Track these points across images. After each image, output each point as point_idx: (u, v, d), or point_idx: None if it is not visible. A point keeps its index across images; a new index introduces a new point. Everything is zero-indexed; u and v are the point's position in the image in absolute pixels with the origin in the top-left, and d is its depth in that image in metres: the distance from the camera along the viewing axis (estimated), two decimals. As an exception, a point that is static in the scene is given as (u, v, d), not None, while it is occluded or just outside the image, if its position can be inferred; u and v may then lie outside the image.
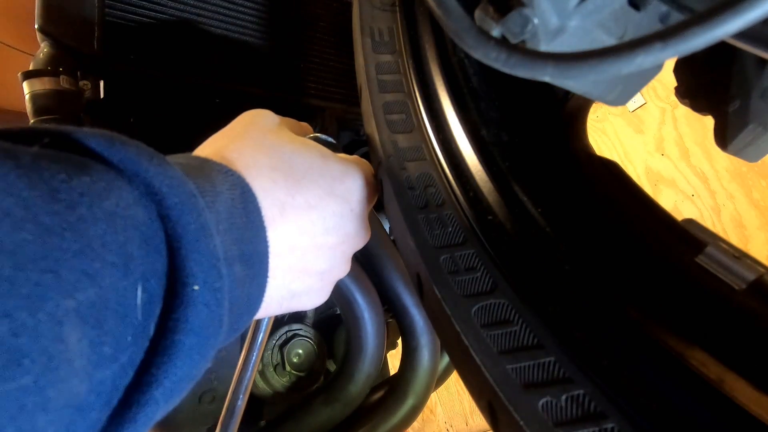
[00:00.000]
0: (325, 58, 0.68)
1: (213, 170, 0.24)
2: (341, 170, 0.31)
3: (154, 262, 0.18)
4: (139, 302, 0.17)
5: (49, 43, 0.52)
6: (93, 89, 0.55)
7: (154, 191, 0.18)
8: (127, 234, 0.16)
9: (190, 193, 0.19)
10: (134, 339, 0.17)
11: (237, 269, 0.22)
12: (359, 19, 0.38)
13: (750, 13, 0.14)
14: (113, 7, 0.53)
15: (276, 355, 0.58)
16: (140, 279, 0.17)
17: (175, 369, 0.18)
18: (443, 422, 2.02)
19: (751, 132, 0.35)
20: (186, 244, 0.18)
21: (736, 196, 1.48)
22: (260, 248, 0.25)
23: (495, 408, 0.23)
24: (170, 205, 0.18)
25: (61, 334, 0.14)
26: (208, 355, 0.20)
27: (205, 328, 0.19)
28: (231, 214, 0.22)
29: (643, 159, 1.67)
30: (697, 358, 0.20)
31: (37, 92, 0.50)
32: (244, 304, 0.24)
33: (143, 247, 0.17)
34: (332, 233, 0.30)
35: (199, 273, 0.18)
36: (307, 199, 0.28)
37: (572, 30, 0.23)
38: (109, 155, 0.18)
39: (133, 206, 0.17)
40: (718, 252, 0.22)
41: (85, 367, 0.15)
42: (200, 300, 0.18)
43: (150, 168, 0.18)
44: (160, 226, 0.18)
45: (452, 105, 0.32)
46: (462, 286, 0.26)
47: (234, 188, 0.24)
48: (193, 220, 0.19)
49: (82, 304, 0.14)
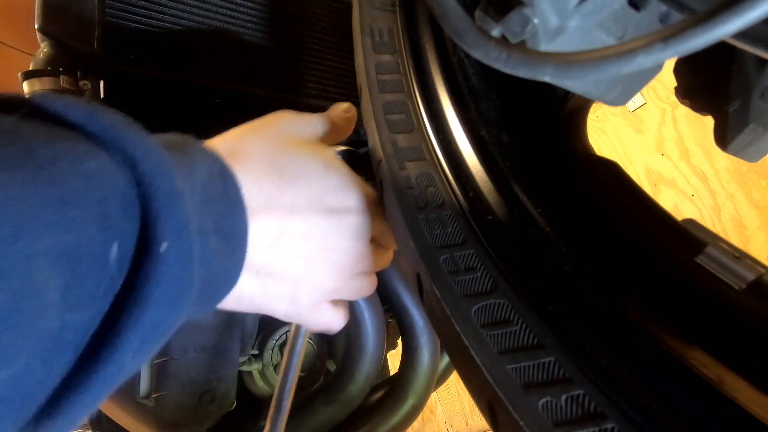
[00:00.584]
0: (325, 58, 0.68)
1: (194, 148, 0.24)
2: (338, 184, 0.31)
3: (128, 223, 0.18)
4: (113, 258, 0.18)
5: (49, 43, 0.52)
6: (93, 89, 0.55)
7: (129, 157, 0.19)
8: (106, 192, 0.17)
9: (163, 160, 0.20)
10: (105, 292, 0.18)
11: (212, 240, 0.23)
12: (359, 19, 0.38)
13: (750, 13, 0.14)
14: (113, 7, 0.53)
15: (276, 355, 0.58)
16: (117, 237, 0.18)
17: (144, 317, 0.18)
18: (443, 422, 2.02)
19: (751, 132, 0.35)
20: (157, 206, 0.19)
21: (736, 196, 1.48)
22: (238, 224, 0.25)
23: (495, 408, 0.23)
24: (143, 170, 0.19)
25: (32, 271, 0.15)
26: (178, 309, 0.20)
27: (174, 283, 0.19)
28: (207, 188, 0.23)
29: (643, 159, 1.67)
30: (697, 358, 0.20)
31: (37, 92, 0.50)
32: (222, 276, 0.24)
33: (121, 209, 0.18)
34: (312, 242, 0.30)
35: (169, 232, 0.19)
36: (294, 200, 0.29)
37: (572, 30, 0.23)
38: (87, 124, 0.19)
39: (112, 169, 0.18)
40: (718, 252, 0.22)
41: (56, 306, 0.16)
42: (169, 257, 0.19)
43: (126, 136, 0.19)
44: (136, 192, 0.19)
45: (452, 105, 0.32)
46: (462, 286, 0.26)
47: (213, 164, 0.25)
48: (164, 185, 0.20)
49: (56, 246, 0.15)
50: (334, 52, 0.69)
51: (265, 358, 0.58)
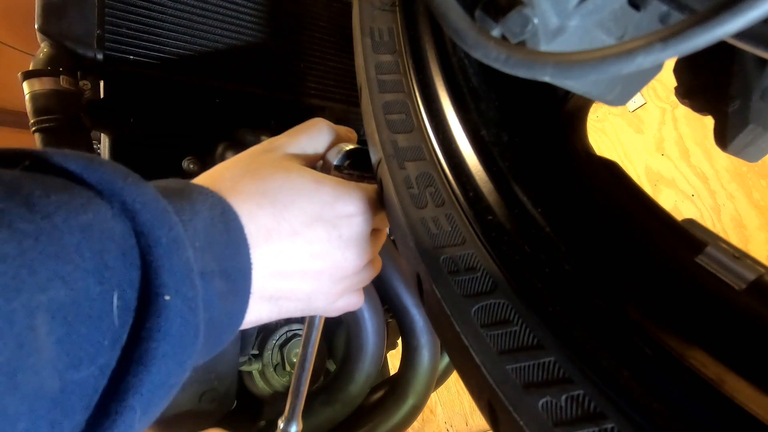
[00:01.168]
0: (325, 58, 0.68)
1: (193, 192, 0.24)
2: (333, 195, 0.31)
3: (129, 273, 0.18)
4: (116, 309, 0.17)
5: (49, 43, 0.52)
6: (93, 89, 0.55)
7: (128, 208, 0.19)
8: (104, 244, 0.17)
9: (162, 209, 0.20)
10: (111, 344, 0.17)
11: (217, 284, 0.23)
12: (359, 19, 0.38)
13: (750, 13, 0.14)
14: (113, 8, 0.53)
15: (276, 355, 0.58)
16: (116, 287, 0.18)
17: (151, 376, 0.18)
18: (443, 422, 2.02)
19: (751, 132, 0.35)
20: (158, 256, 0.19)
21: (736, 196, 1.48)
22: (242, 265, 0.25)
23: (495, 408, 0.23)
24: (143, 220, 0.19)
25: (33, 325, 0.14)
26: (185, 363, 0.20)
27: (179, 337, 0.19)
28: (209, 232, 0.23)
29: (643, 159, 1.67)
30: (697, 358, 0.20)
31: (37, 92, 0.50)
32: (225, 319, 0.24)
33: (120, 259, 0.18)
34: (318, 259, 0.30)
35: (171, 283, 0.19)
36: (293, 225, 0.29)
37: (572, 30, 0.23)
38: (87, 176, 0.19)
39: (110, 221, 0.18)
40: (718, 252, 0.22)
41: (55, 363, 0.15)
42: (173, 309, 0.19)
43: (125, 186, 0.19)
44: (135, 241, 0.19)
45: (452, 105, 0.32)
46: (462, 286, 0.26)
47: (214, 207, 0.25)
48: (164, 234, 0.20)
49: (54, 301, 0.15)
50: (334, 52, 0.69)
51: (265, 358, 0.58)
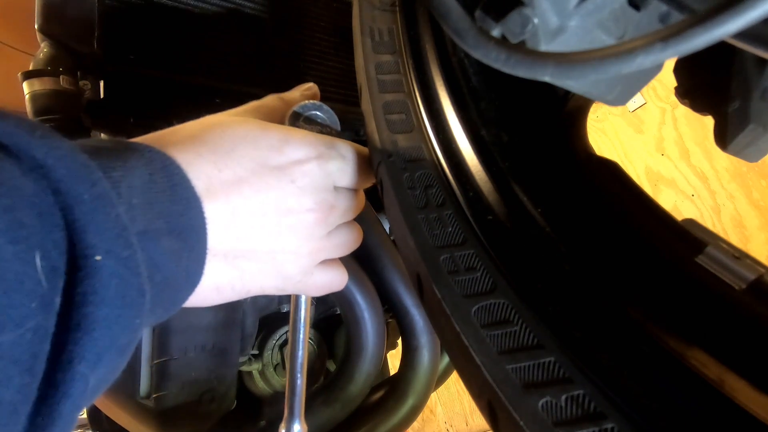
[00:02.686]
0: (325, 58, 0.68)
1: (127, 149, 0.23)
2: (280, 139, 0.29)
3: (51, 233, 0.17)
4: (40, 270, 0.16)
5: (49, 43, 0.52)
6: (93, 89, 0.55)
7: (39, 164, 0.17)
8: (14, 202, 0.16)
9: (81, 164, 0.19)
10: (41, 307, 0.16)
11: (165, 242, 0.22)
12: (359, 19, 0.38)
13: (750, 13, 0.14)
14: (113, 8, 0.53)
15: (276, 355, 0.58)
16: (37, 247, 0.16)
17: (94, 341, 0.17)
18: (443, 422, 2.02)
19: (751, 132, 0.35)
20: (80, 215, 0.18)
21: (736, 196, 1.48)
22: (194, 222, 0.24)
23: (495, 408, 0.23)
24: (59, 177, 0.18)
25: None
26: (132, 324, 0.19)
27: (119, 298, 0.18)
28: (149, 188, 0.22)
29: (643, 159, 1.67)
30: (697, 358, 0.20)
31: (37, 92, 0.51)
32: (181, 280, 0.23)
33: (36, 218, 0.17)
34: (271, 209, 0.28)
35: (100, 243, 0.18)
36: (236, 172, 0.26)
37: (572, 30, 0.23)
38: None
39: (19, 178, 0.17)
40: (718, 252, 0.22)
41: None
42: (106, 270, 0.18)
43: (32, 141, 0.18)
44: (53, 200, 0.18)
45: (452, 105, 0.32)
46: (462, 286, 0.26)
47: (152, 162, 0.23)
48: (86, 191, 0.18)
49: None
50: (334, 52, 0.69)
51: (265, 358, 0.58)
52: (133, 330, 0.20)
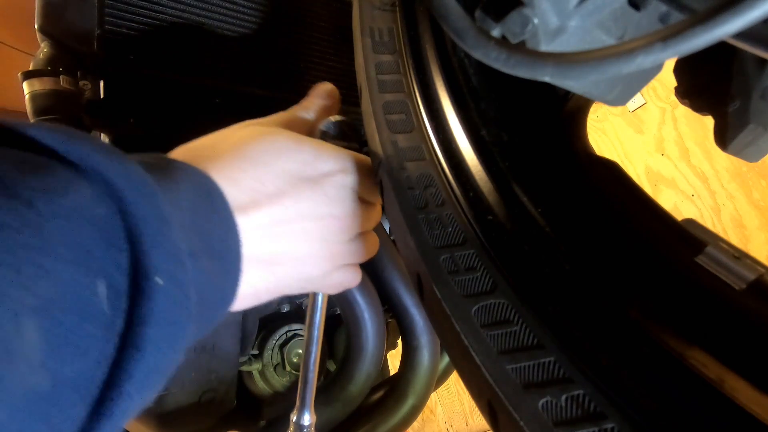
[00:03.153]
0: (325, 58, 0.68)
1: (177, 169, 0.24)
2: (312, 154, 0.31)
3: (115, 258, 0.18)
4: (103, 298, 0.17)
5: (49, 43, 0.52)
6: (93, 89, 0.55)
7: (113, 187, 0.18)
8: (86, 230, 0.17)
9: (149, 187, 0.19)
10: (104, 334, 0.17)
11: (205, 263, 0.22)
12: (359, 19, 0.38)
13: (750, 13, 0.14)
14: (113, 7, 0.53)
15: (276, 355, 0.58)
16: (101, 275, 0.17)
17: (145, 361, 0.18)
18: (443, 422, 2.02)
19: (751, 132, 0.35)
20: (146, 237, 0.18)
21: (736, 196, 1.48)
22: (230, 244, 0.25)
23: (495, 408, 0.23)
24: (129, 200, 0.18)
25: (20, 330, 0.14)
26: (178, 346, 0.20)
27: (171, 320, 0.19)
28: (195, 211, 0.23)
29: (643, 159, 1.67)
30: (697, 358, 0.20)
31: (37, 92, 0.50)
32: (217, 298, 0.24)
33: (104, 244, 0.17)
34: (306, 217, 0.30)
35: (161, 265, 0.18)
36: (277, 185, 0.29)
37: (572, 30, 0.23)
38: (66, 152, 0.18)
39: (92, 203, 0.17)
40: (718, 252, 0.22)
41: (44, 361, 0.15)
42: (164, 292, 0.18)
43: (108, 164, 0.18)
44: (120, 223, 0.18)
45: (452, 105, 0.32)
46: (462, 286, 0.26)
47: (199, 185, 0.24)
48: (152, 214, 0.19)
49: (39, 299, 0.15)
50: (334, 52, 0.69)
51: (265, 358, 0.58)
52: (177, 352, 0.20)
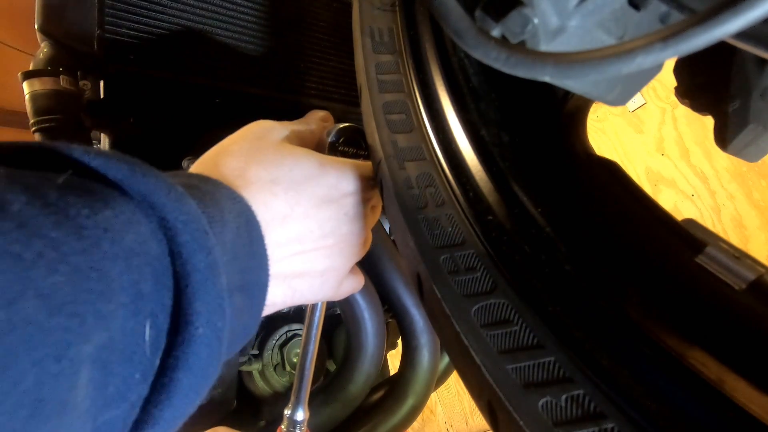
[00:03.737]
0: (325, 58, 0.68)
1: (223, 197, 0.24)
2: (337, 176, 0.33)
3: (162, 298, 0.17)
4: (148, 339, 0.16)
5: (49, 43, 0.52)
6: (93, 89, 0.55)
7: (169, 225, 0.18)
8: (141, 272, 0.16)
9: (203, 230, 0.19)
10: (143, 377, 0.17)
11: (237, 300, 0.22)
12: (359, 19, 0.38)
13: (750, 13, 0.14)
14: (113, 8, 0.53)
15: (276, 355, 0.58)
16: (149, 316, 0.17)
17: (172, 408, 0.18)
18: (443, 422, 2.02)
19: (751, 132, 0.35)
20: (194, 282, 0.18)
21: (736, 196, 1.48)
22: (261, 278, 0.25)
23: (495, 408, 0.23)
24: (182, 241, 0.18)
25: (76, 381, 0.13)
26: (203, 392, 0.19)
27: (203, 367, 0.18)
28: (235, 245, 0.23)
29: (643, 159, 1.67)
30: (697, 358, 0.20)
31: (37, 92, 0.50)
32: (240, 333, 0.24)
33: (154, 284, 0.17)
34: (329, 237, 0.32)
35: (204, 312, 0.18)
36: (306, 209, 0.30)
37: (572, 30, 0.23)
38: (128, 185, 0.17)
39: (148, 241, 0.17)
40: (718, 252, 0.22)
41: (89, 410, 0.14)
42: (202, 339, 0.18)
43: (168, 202, 0.18)
44: (169, 261, 0.18)
45: (452, 105, 0.32)
46: (462, 286, 0.26)
47: (240, 216, 0.24)
48: (203, 259, 0.18)
49: (96, 348, 0.14)
50: (334, 52, 0.69)
51: (265, 358, 0.58)
52: (201, 397, 0.20)
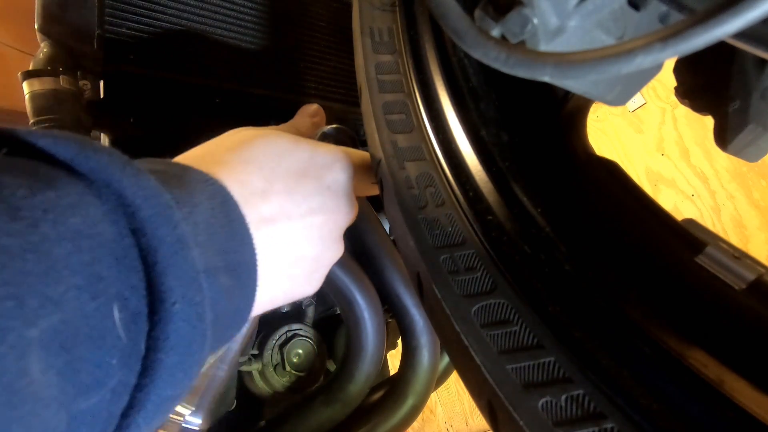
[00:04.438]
0: (325, 58, 0.68)
1: (192, 179, 0.23)
2: (310, 151, 0.32)
3: (129, 279, 0.16)
4: (118, 323, 0.16)
5: (49, 43, 0.52)
6: (93, 89, 0.55)
7: (127, 203, 0.17)
8: (94, 253, 0.15)
9: (165, 204, 0.18)
10: (122, 361, 0.16)
11: (222, 280, 0.21)
12: (359, 19, 0.38)
13: (750, 13, 0.14)
14: (113, 8, 0.53)
15: (276, 355, 0.58)
16: (115, 299, 0.16)
17: (158, 390, 0.17)
18: (443, 422, 2.02)
19: (751, 132, 0.35)
20: (162, 258, 0.17)
21: (736, 196, 1.48)
22: (246, 258, 0.24)
23: (495, 408, 0.23)
24: (144, 217, 0.17)
25: (25, 368, 0.13)
26: (191, 372, 0.19)
27: (186, 345, 0.18)
28: (210, 224, 0.22)
29: (643, 159, 1.67)
30: (697, 358, 0.20)
31: (36, 92, 0.50)
32: (231, 317, 0.23)
33: (114, 266, 0.16)
34: (317, 212, 0.31)
35: (178, 287, 0.17)
36: (285, 183, 0.29)
37: (572, 30, 0.23)
38: (78, 164, 0.17)
39: (101, 223, 0.16)
40: (718, 252, 0.22)
41: (58, 398, 0.14)
42: (180, 316, 0.17)
43: (123, 178, 0.17)
44: (132, 241, 0.17)
45: (452, 105, 0.32)
46: (462, 286, 0.26)
47: (214, 197, 0.23)
48: (169, 233, 0.18)
49: (46, 332, 0.13)
50: (334, 52, 0.69)
51: (265, 358, 0.58)
52: (190, 379, 0.19)
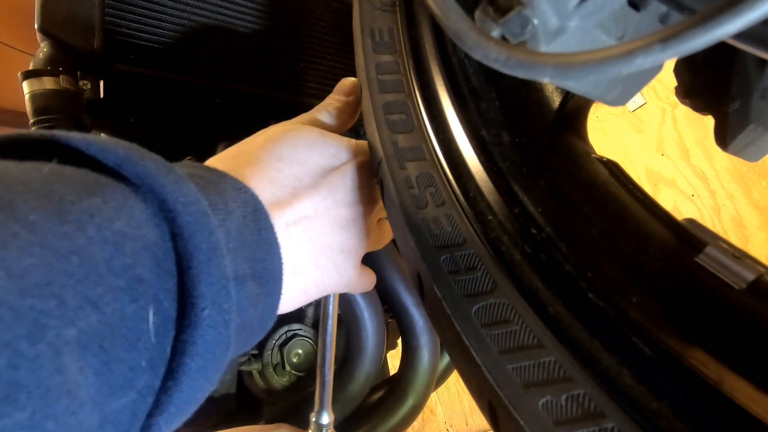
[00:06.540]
0: (325, 58, 0.68)
1: (227, 187, 0.23)
2: (336, 145, 0.34)
3: (165, 283, 0.17)
4: (152, 326, 0.16)
5: (49, 43, 0.52)
6: (93, 89, 0.55)
7: (168, 207, 0.18)
8: (137, 256, 0.16)
9: (203, 211, 0.19)
10: (150, 363, 0.16)
11: (249, 288, 0.22)
12: (359, 19, 0.38)
13: (750, 14, 0.14)
14: (113, 7, 0.53)
15: (276, 355, 0.58)
16: (152, 301, 0.16)
17: (181, 393, 0.17)
18: (443, 422, 2.02)
19: (752, 132, 0.35)
20: (197, 264, 0.18)
21: (736, 196, 1.48)
22: (273, 266, 0.25)
23: (495, 407, 0.23)
24: (183, 223, 0.18)
25: (61, 365, 0.13)
26: (213, 378, 0.19)
27: (211, 351, 0.18)
28: (241, 232, 0.22)
29: (643, 159, 1.67)
30: (697, 358, 0.20)
31: (36, 92, 0.50)
32: (256, 323, 0.23)
33: (154, 269, 0.17)
34: (342, 204, 0.32)
35: (209, 294, 0.18)
36: (312, 179, 0.30)
37: (572, 31, 0.23)
38: (124, 169, 0.17)
39: (145, 226, 0.17)
40: (718, 252, 0.22)
41: (93, 397, 0.14)
42: (208, 322, 0.18)
43: (166, 184, 0.18)
44: (171, 246, 0.18)
45: (452, 105, 0.32)
46: (462, 286, 0.26)
47: (246, 205, 0.24)
48: (204, 239, 0.18)
49: (84, 332, 0.14)
50: (334, 52, 0.69)
51: (265, 358, 0.58)
52: (211, 384, 0.19)
